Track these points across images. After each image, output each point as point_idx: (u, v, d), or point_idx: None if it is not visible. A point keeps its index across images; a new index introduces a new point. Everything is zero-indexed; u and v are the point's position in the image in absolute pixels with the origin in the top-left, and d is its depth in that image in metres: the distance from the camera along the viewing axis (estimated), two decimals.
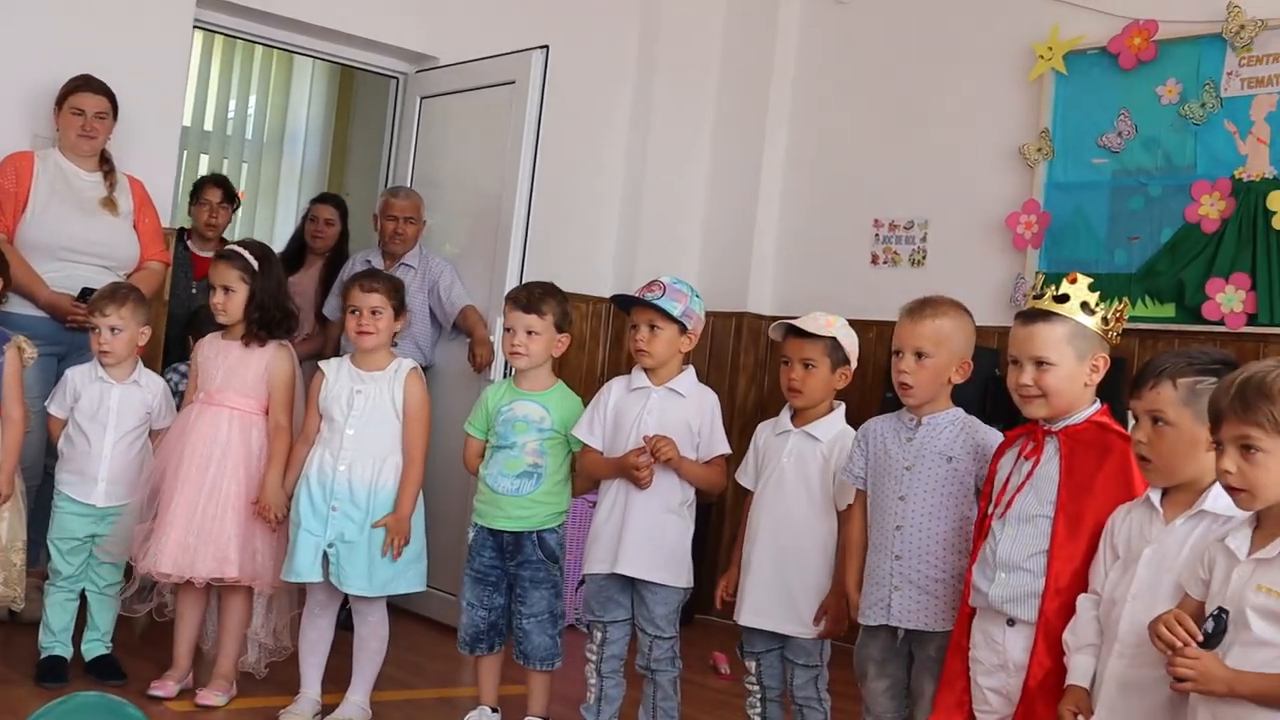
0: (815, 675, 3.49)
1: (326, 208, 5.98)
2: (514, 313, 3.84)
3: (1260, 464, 2.18)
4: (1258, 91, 4.91)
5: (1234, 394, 2.20)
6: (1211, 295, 4.91)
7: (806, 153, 6.38)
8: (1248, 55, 4.94)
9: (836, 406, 3.54)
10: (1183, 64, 5.11)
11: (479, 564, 3.89)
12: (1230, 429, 2.20)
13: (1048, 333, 2.80)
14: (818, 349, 3.46)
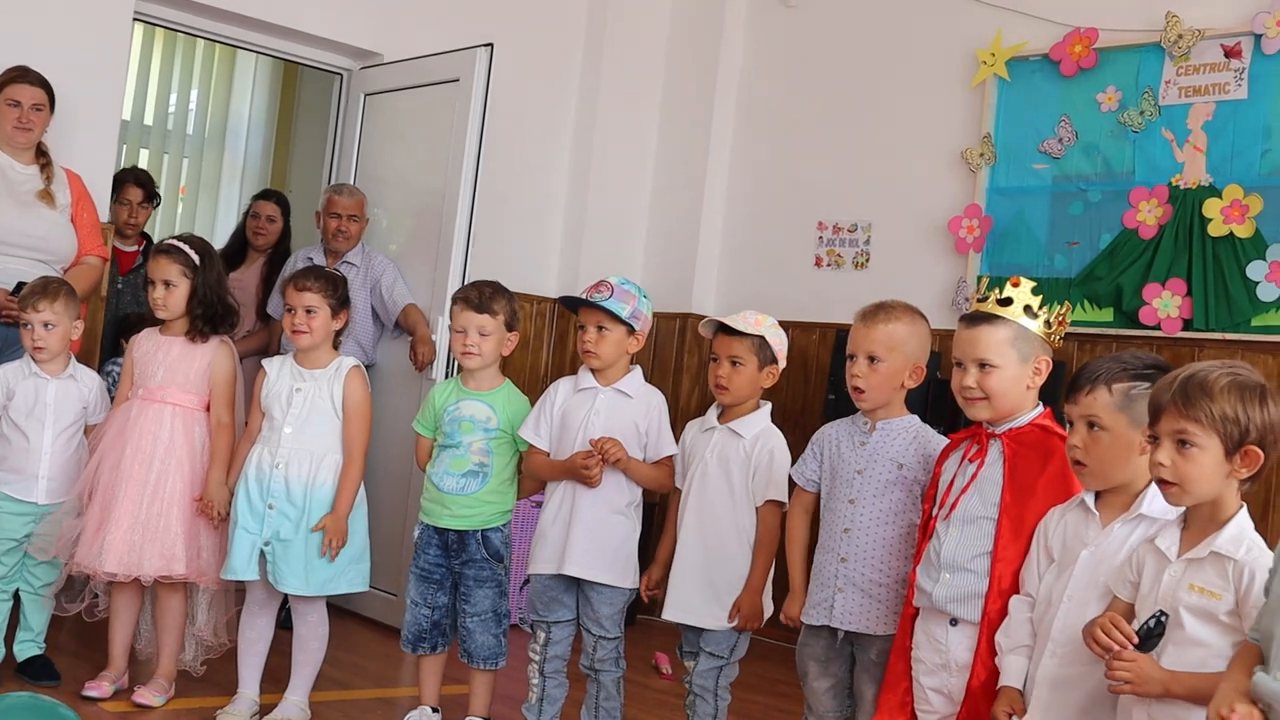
0: (719, 667, 3.50)
1: (268, 204, 5.93)
2: (466, 313, 3.82)
3: (1194, 459, 2.21)
4: (1195, 100, 4.99)
5: (1176, 389, 2.23)
6: (1148, 300, 4.97)
7: (751, 155, 6.40)
8: (1185, 64, 5.01)
9: (763, 404, 3.56)
10: (1122, 72, 5.18)
11: (424, 562, 3.88)
12: (1169, 423, 2.23)
13: (991, 335, 2.82)
14: (745, 347, 3.48)
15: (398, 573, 5.21)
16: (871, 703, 3.07)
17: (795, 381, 6.01)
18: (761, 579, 3.45)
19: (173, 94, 8.32)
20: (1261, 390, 2.23)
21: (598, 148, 6.45)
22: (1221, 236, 4.83)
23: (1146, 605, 2.27)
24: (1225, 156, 4.89)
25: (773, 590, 3.53)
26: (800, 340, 6.03)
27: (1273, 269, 4.71)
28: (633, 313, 3.64)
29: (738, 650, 3.53)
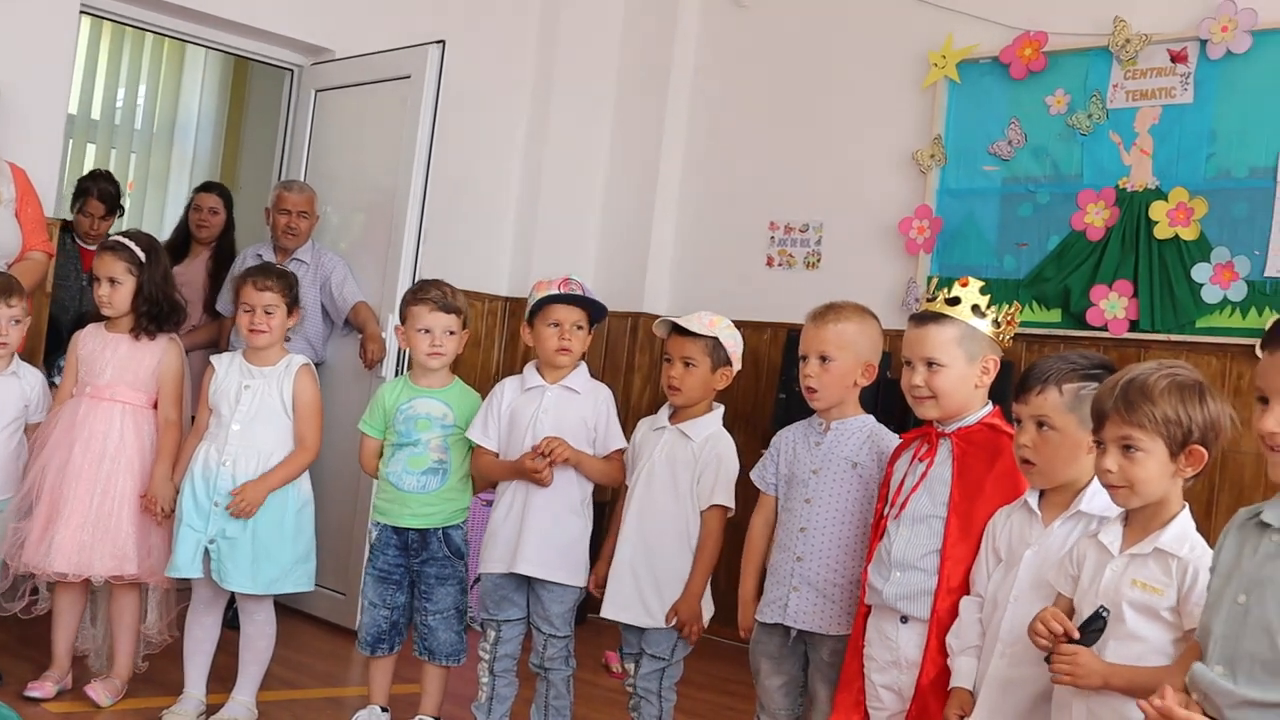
0: (662, 668, 3.50)
1: (210, 196, 5.87)
2: (433, 313, 3.79)
3: (1140, 463, 2.24)
4: (1142, 104, 5.04)
5: (1118, 395, 2.25)
6: (1095, 301, 5.03)
7: (704, 154, 6.41)
8: (1133, 68, 5.06)
9: (716, 408, 3.56)
10: (1071, 75, 5.23)
11: (382, 563, 3.85)
12: (1113, 429, 2.25)
13: (938, 334, 2.84)
14: (699, 348, 3.48)
15: (347, 572, 5.18)
16: (825, 702, 3.09)
17: (746, 381, 6.01)
18: (701, 584, 3.44)
19: (121, 88, 8.23)
20: (1200, 389, 2.26)
21: (550, 146, 6.44)
22: (1167, 239, 4.89)
23: (1087, 599, 2.29)
24: (1171, 160, 4.95)
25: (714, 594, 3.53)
26: (752, 340, 6.01)
27: (1217, 271, 4.77)
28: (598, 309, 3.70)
29: (679, 650, 3.52)
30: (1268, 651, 1.86)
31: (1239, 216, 4.77)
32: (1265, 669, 1.87)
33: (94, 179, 5.75)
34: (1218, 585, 2.01)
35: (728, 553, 3.56)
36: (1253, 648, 1.89)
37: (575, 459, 3.58)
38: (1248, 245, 4.74)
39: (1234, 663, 1.91)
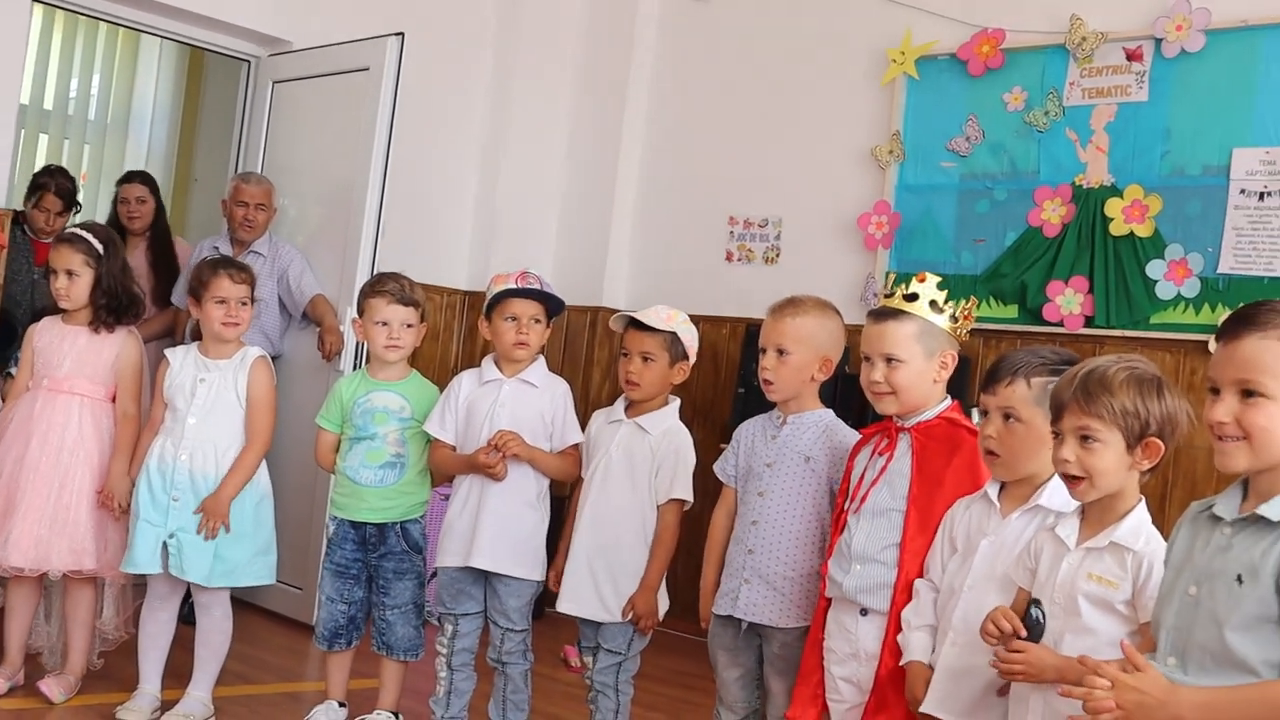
0: (618, 662, 3.50)
1: (135, 186, 5.78)
2: (392, 306, 3.78)
3: (1098, 454, 2.25)
4: (1098, 102, 5.08)
5: (1077, 386, 2.27)
6: (1052, 297, 5.07)
7: (663, 149, 6.41)
8: (1089, 66, 5.10)
9: (672, 401, 3.56)
10: (1028, 72, 5.27)
11: (340, 557, 3.83)
12: (1071, 420, 2.27)
13: (897, 330, 2.86)
14: (657, 342, 3.48)
15: (304, 566, 5.15)
16: (780, 695, 3.10)
17: (705, 375, 6.03)
18: (657, 577, 3.45)
19: (74, 78, 8.14)
20: (1158, 383, 2.28)
21: (509, 139, 6.43)
22: (1122, 236, 4.93)
23: (1044, 593, 2.31)
24: (1126, 157, 4.99)
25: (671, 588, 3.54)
26: (710, 334, 6.05)
27: (1171, 268, 4.82)
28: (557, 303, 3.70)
29: (636, 644, 3.53)
30: (1217, 643, 1.88)
31: (1193, 214, 4.82)
32: (1215, 660, 1.89)
33: (50, 174, 5.68)
34: (1170, 578, 2.03)
35: (685, 546, 3.57)
36: (1203, 639, 1.91)
37: (529, 454, 3.57)
38: (1201, 242, 4.79)
39: (1185, 654, 1.93)
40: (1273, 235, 4.64)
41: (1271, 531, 1.89)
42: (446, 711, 3.71)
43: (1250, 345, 1.92)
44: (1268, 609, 1.85)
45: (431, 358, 6.15)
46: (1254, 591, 1.87)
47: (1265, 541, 1.89)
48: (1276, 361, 1.90)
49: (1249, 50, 4.76)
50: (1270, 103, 4.69)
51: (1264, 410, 1.90)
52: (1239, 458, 1.93)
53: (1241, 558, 1.90)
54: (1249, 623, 1.86)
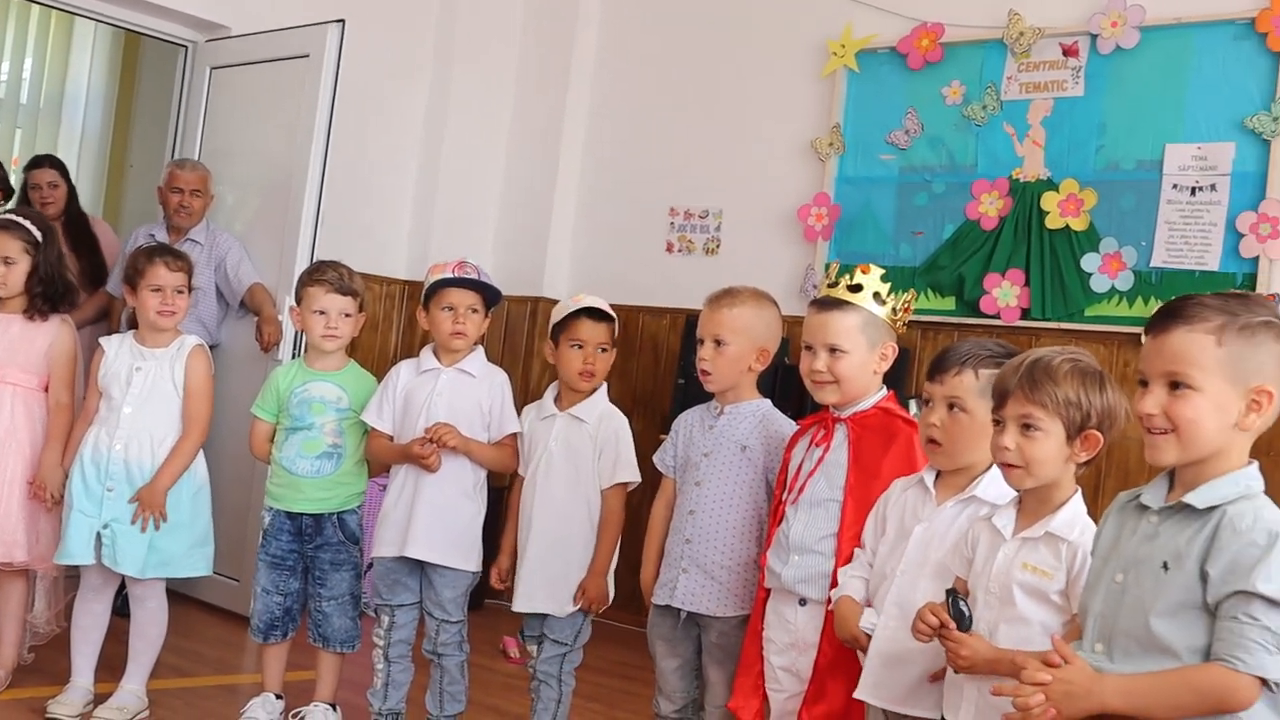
0: (563, 654, 3.52)
1: (45, 171, 5.68)
2: (329, 295, 3.75)
3: (1038, 442, 2.28)
4: (1035, 96, 5.14)
5: (1022, 374, 2.29)
6: (989, 290, 5.12)
7: (604, 140, 6.40)
8: (1026, 61, 5.16)
9: (599, 387, 3.57)
10: (967, 67, 5.31)
11: (275, 549, 3.80)
12: (1014, 407, 2.29)
13: (842, 321, 2.87)
14: (610, 332, 3.51)
15: (241, 557, 5.10)
16: (718, 684, 3.11)
17: (646, 366, 6.04)
18: (606, 561, 3.47)
19: (5, 61, 7.99)
20: (1101, 376, 2.31)
21: (450, 128, 6.39)
22: (1058, 229, 4.99)
23: (980, 582, 2.33)
24: (1062, 151, 5.05)
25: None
26: (651, 325, 6.06)
27: (1105, 261, 4.89)
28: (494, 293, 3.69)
29: (581, 636, 3.54)
30: (1142, 629, 1.92)
31: (1126, 208, 4.88)
32: (1139, 645, 1.92)
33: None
34: (1097, 566, 2.06)
35: (626, 537, 3.57)
36: (1128, 625, 1.94)
37: (464, 446, 3.57)
38: (1135, 236, 4.86)
39: (1111, 640, 1.97)
40: (1203, 230, 4.71)
41: (1197, 520, 1.92)
42: (384, 704, 3.70)
43: (1178, 338, 1.95)
44: (1192, 595, 1.89)
45: (371, 348, 6.11)
46: (1179, 578, 1.90)
47: (1191, 529, 1.92)
48: (1203, 354, 1.93)
49: (1182, 47, 4.83)
50: (1202, 99, 4.77)
51: (1191, 402, 1.93)
52: (1167, 449, 1.96)
53: (1167, 546, 1.94)
54: (1173, 609, 1.90)
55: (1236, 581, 1.84)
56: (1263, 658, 1.82)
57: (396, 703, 3.71)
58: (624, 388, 5.99)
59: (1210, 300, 1.96)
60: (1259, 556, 1.84)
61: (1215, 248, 4.69)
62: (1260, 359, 1.93)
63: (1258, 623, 1.83)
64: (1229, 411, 1.93)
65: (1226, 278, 4.62)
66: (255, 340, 5.14)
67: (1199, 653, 1.88)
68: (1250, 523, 1.87)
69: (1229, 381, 1.92)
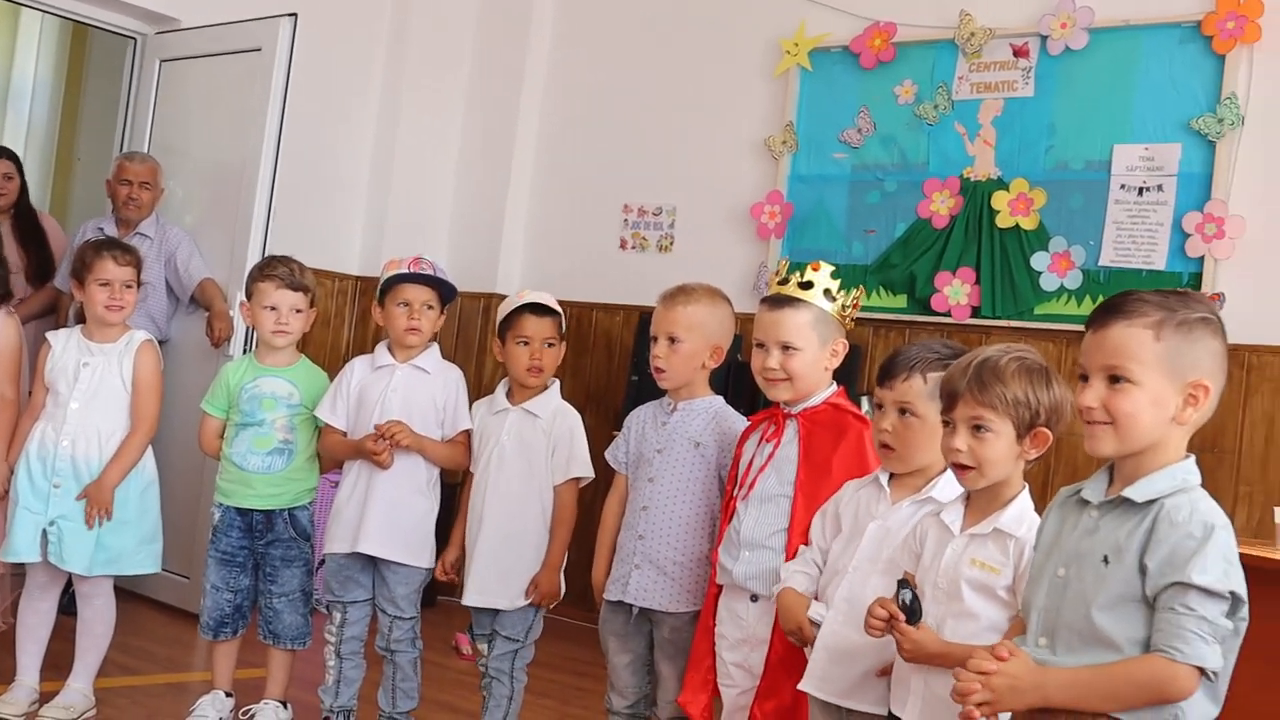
0: (515, 650, 3.52)
1: (1, 162, 5.62)
2: (280, 290, 3.73)
3: (989, 443, 2.30)
4: (985, 96, 5.18)
5: (970, 376, 2.31)
6: (940, 288, 5.16)
7: (558, 135, 6.40)
8: (977, 61, 5.20)
9: (553, 381, 3.59)
10: (919, 66, 5.35)
11: (225, 545, 3.78)
12: (964, 409, 2.31)
13: (794, 318, 2.89)
14: (556, 327, 3.52)
15: (191, 555, 5.06)
16: (670, 679, 3.12)
17: (599, 363, 6.05)
18: (559, 556, 3.48)
19: None
20: (1046, 373, 2.33)
21: (403, 123, 6.37)
22: (1008, 228, 5.04)
23: (928, 578, 2.35)
24: (1013, 151, 5.10)
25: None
26: (604, 322, 6.07)
27: (1054, 260, 4.94)
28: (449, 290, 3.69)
29: (533, 632, 3.55)
30: (1084, 622, 1.94)
31: (1075, 207, 4.94)
32: (1082, 639, 1.95)
33: None
34: (1040, 560, 2.08)
35: (578, 533, 3.58)
36: (1071, 619, 1.97)
37: (417, 444, 3.57)
38: (1083, 235, 4.91)
39: (1054, 634, 1.99)
40: (1150, 229, 4.77)
41: (1137, 513, 1.95)
42: (335, 700, 3.69)
43: (1118, 333, 1.98)
44: (1132, 588, 1.91)
45: (323, 344, 6.08)
46: (1119, 572, 1.93)
47: (1130, 523, 1.95)
48: (1142, 349, 1.96)
49: (1130, 49, 4.89)
50: (1149, 101, 4.82)
51: (1130, 396, 1.96)
52: (1106, 442, 1.99)
53: (1108, 539, 1.96)
54: (1114, 602, 1.93)
55: (1174, 573, 1.87)
56: (1200, 648, 1.85)
57: (348, 699, 3.70)
58: (577, 384, 5.99)
59: (1149, 296, 1.99)
60: (1195, 548, 1.87)
61: (1162, 247, 4.75)
62: (1197, 354, 1.96)
63: (1194, 613, 1.85)
64: (1166, 405, 1.96)
65: (1173, 277, 4.68)
66: (206, 336, 5.10)
67: (1140, 644, 1.90)
68: (1187, 515, 1.90)
69: (1166, 376, 1.95)
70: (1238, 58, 4.65)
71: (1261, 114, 4.61)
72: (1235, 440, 4.55)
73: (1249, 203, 4.60)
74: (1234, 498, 4.49)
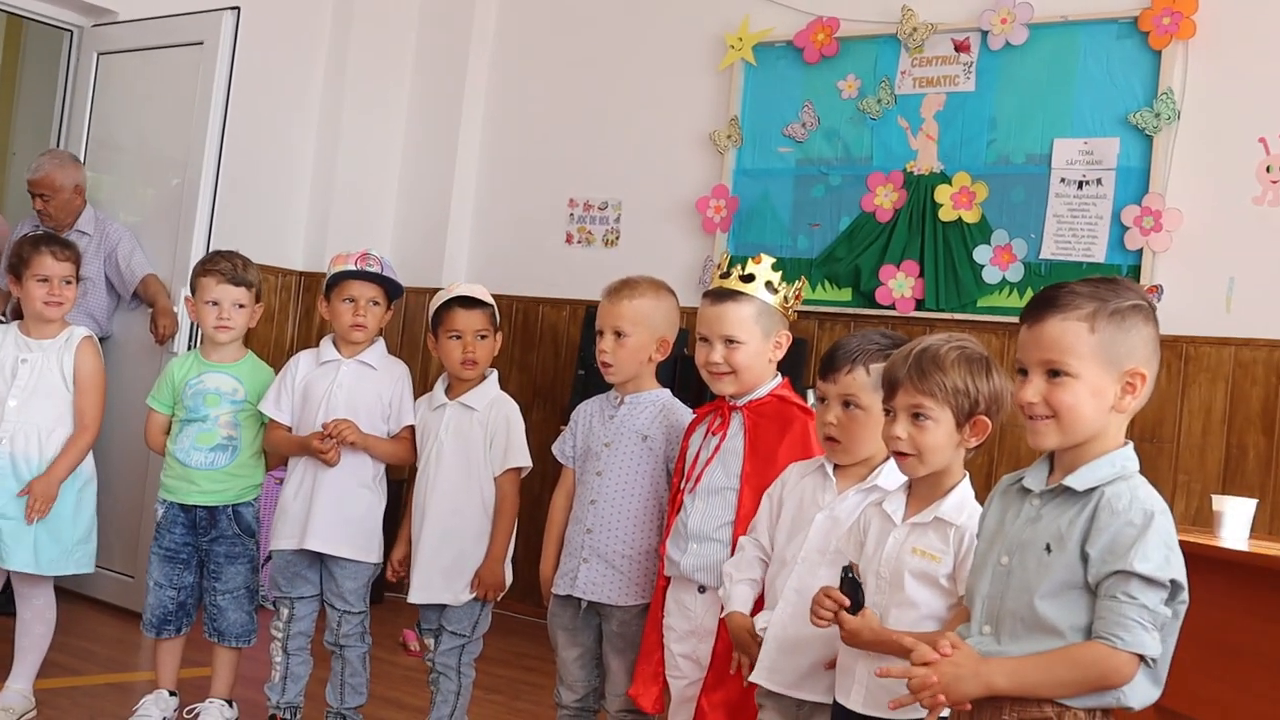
0: (461, 645, 3.52)
1: None
2: (221, 285, 3.70)
3: (929, 431, 2.32)
4: (928, 91, 5.23)
5: (910, 365, 2.33)
6: (884, 281, 5.20)
7: (503, 130, 6.39)
8: (919, 56, 5.24)
9: (490, 373, 3.59)
10: (862, 61, 5.39)
11: (168, 542, 3.74)
12: (904, 398, 2.33)
13: (736, 312, 2.90)
14: (488, 318, 3.52)
15: (135, 553, 5.01)
16: (619, 672, 3.13)
17: (546, 357, 6.04)
18: (502, 548, 3.48)
19: None
20: (986, 362, 2.36)
21: (347, 117, 6.33)
22: (951, 221, 5.09)
23: (871, 566, 2.37)
24: (955, 145, 5.15)
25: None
26: (551, 316, 6.06)
27: (996, 253, 4.99)
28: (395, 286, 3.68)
29: (480, 626, 3.54)
30: (1027, 610, 1.96)
31: (1016, 201, 4.99)
32: (1026, 626, 1.97)
33: None
34: (983, 549, 2.11)
35: (525, 528, 3.58)
36: (1014, 606, 1.99)
37: (363, 442, 3.57)
38: (1025, 228, 4.96)
39: (998, 622, 2.01)
40: (1090, 222, 4.83)
41: (1078, 501, 1.97)
42: (282, 697, 3.67)
43: (1053, 327, 2.00)
44: (1074, 575, 1.94)
45: (267, 340, 6.03)
46: (1061, 559, 1.95)
47: (1072, 511, 1.97)
48: (1078, 341, 1.98)
49: (1069, 44, 4.94)
50: (1088, 95, 4.89)
51: (1069, 389, 1.98)
52: (1049, 436, 2.01)
53: (1049, 528, 1.99)
54: (1057, 589, 1.95)
55: (1115, 561, 1.90)
56: (1140, 635, 1.88)
57: (294, 696, 3.68)
58: (524, 379, 5.98)
59: (1081, 288, 2.02)
60: (1136, 536, 1.90)
61: (1101, 240, 4.81)
62: (1132, 342, 1.99)
63: (1135, 601, 1.88)
64: (1105, 395, 1.98)
65: (1112, 269, 4.74)
66: (150, 332, 5.05)
67: (1082, 631, 1.93)
68: (1127, 503, 1.93)
69: (1103, 366, 1.98)
70: (1173, 53, 4.71)
71: (1196, 109, 4.68)
72: (1174, 430, 4.62)
73: (1185, 196, 4.67)
74: (1173, 487, 4.56)
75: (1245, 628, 2.85)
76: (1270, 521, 4.36)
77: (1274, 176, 4.55)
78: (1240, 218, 4.59)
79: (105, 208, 5.32)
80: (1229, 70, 4.66)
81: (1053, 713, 1.93)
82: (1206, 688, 2.85)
